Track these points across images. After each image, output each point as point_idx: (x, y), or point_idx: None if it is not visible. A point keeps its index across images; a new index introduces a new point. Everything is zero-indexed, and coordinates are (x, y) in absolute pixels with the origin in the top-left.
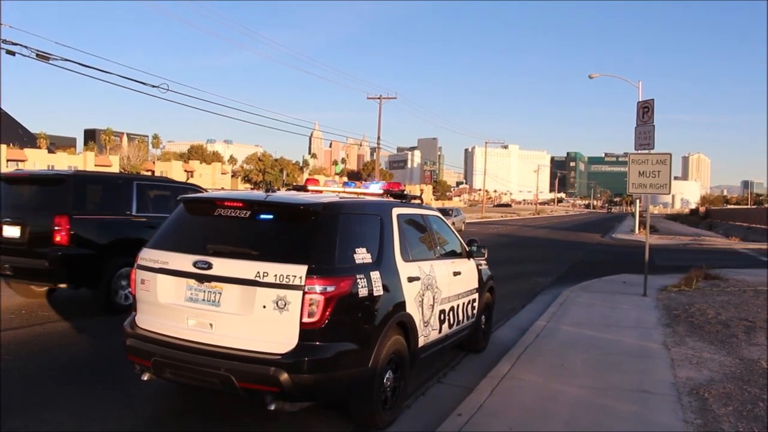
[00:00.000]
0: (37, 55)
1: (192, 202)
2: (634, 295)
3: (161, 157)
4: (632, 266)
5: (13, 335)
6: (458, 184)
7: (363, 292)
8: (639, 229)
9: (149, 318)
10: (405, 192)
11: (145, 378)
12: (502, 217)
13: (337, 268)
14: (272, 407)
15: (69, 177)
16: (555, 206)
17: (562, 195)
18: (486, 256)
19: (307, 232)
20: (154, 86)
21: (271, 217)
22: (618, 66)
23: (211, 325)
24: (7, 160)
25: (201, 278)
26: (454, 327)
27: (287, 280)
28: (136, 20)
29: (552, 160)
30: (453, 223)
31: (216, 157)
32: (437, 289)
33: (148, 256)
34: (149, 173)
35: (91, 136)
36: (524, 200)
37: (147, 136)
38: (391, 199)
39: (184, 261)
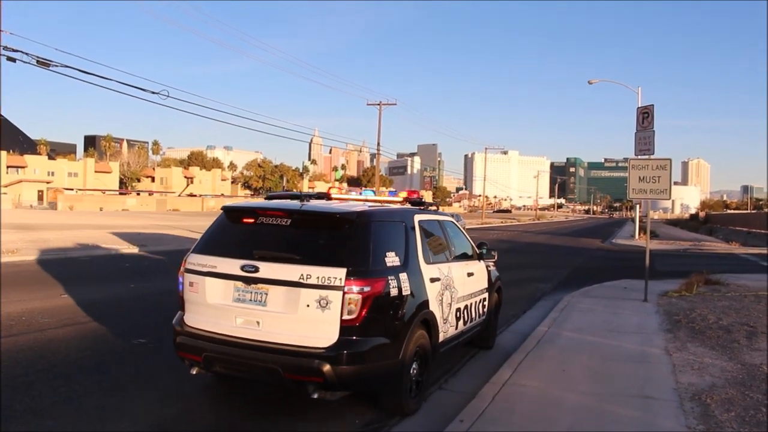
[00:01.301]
0: (37, 61)
1: (234, 211)
2: (635, 300)
3: (161, 164)
4: (633, 271)
5: (13, 342)
6: (458, 189)
7: (394, 292)
8: (639, 234)
9: (198, 317)
10: (423, 200)
11: (194, 372)
12: (502, 222)
13: (371, 270)
14: (315, 396)
15: None
16: (555, 212)
17: (562, 201)
18: (496, 258)
19: (343, 238)
20: (154, 92)
21: (310, 225)
22: (617, 71)
23: (258, 322)
24: (8, 167)
25: (248, 281)
26: (468, 324)
27: (328, 281)
28: (137, 27)
29: (552, 165)
30: None
31: (216, 164)
32: (454, 289)
33: (195, 260)
34: (149, 179)
35: (91, 142)
36: (524, 206)
37: (147, 143)
38: (411, 206)
39: (231, 265)
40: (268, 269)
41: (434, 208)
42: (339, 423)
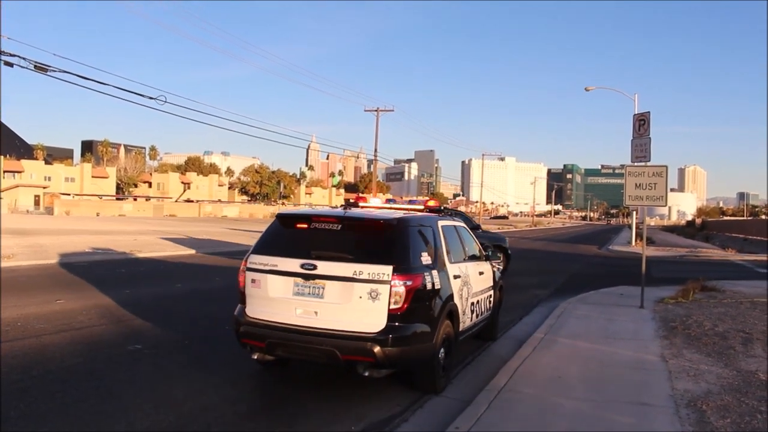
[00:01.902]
0: (35, 66)
1: (288, 218)
2: (631, 307)
3: (158, 169)
4: (629, 278)
5: (8, 348)
6: (455, 196)
7: (429, 286)
8: (636, 240)
9: (260, 309)
10: (441, 207)
11: (255, 357)
12: (499, 229)
13: (412, 267)
14: (366, 374)
15: None
16: (552, 218)
17: (559, 207)
18: (501, 259)
19: (388, 240)
20: (151, 98)
21: (357, 229)
22: (614, 78)
23: (316, 312)
24: (4, 172)
25: (307, 277)
26: (479, 317)
27: (377, 276)
28: (135, 32)
29: (549, 172)
30: None
31: (213, 169)
32: (470, 285)
33: (256, 260)
34: (146, 185)
35: (88, 147)
36: (521, 212)
37: (144, 148)
38: (431, 213)
39: (291, 264)
40: (324, 267)
41: (449, 214)
42: (340, 424)
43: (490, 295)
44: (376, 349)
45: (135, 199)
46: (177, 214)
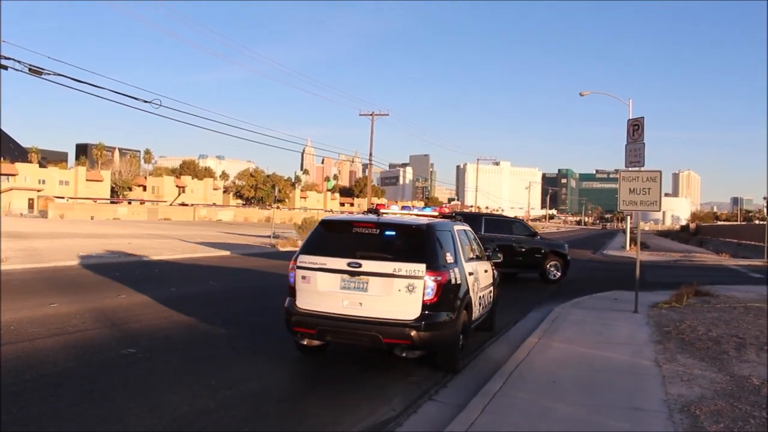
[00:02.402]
0: (29, 69)
1: (331, 223)
2: (625, 311)
3: (153, 173)
4: (623, 283)
5: (2, 351)
6: (450, 200)
7: (453, 281)
8: (630, 245)
9: (309, 301)
10: (452, 213)
11: (304, 342)
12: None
13: (440, 265)
14: (403, 355)
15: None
16: (546, 223)
17: (554, 212)
18: (501, 259)
19: (420, 242)
20: (146, 101)
21: (393, 233)
22: (609, 84)
23: (360, 303)
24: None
25: (353, 273)
26: (484, 310)
27: (413, 273)
28: (130, 35)
29: (543, 176)
30: None
31: (208, 173)
32: (479, 281)
33: (305, 260)
34: (140, 188)
35: (83, 150)
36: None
37: (139, 151)
38: (445, 219)
39: (339, 262)
40: (368, 265)
41: (460, 219)
42: (335, 429)
43: (491, 291)
44: (413, 333)
45: (130, 203)
46: (172, 218)
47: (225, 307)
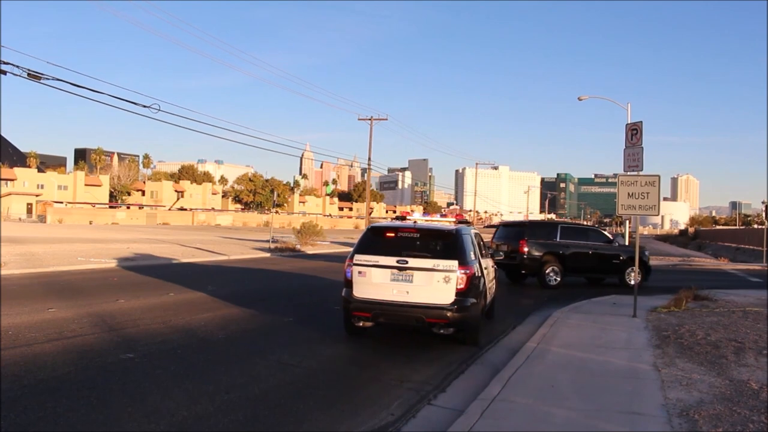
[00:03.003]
0: (28, 74)
1: (378, 229)
2: (623, 316)
3: (152, 177)
4: (622, 287)
5: None
6: (449, 204)
7: (477, 273)
8: None
9: (365, 290)
10: (467, 219)
11: (360, 324)
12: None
13: (468, 261)
14: (441, 331)
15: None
16: None
17: (553, 216)
18: (503, 257)
19: (451, 243)
20: (145, 106)
21: (430, 236)
22: (607, 88)
23: (407, 292)
24: None
25: (401, 269)
26: (490, 299)
27: (448, 267)
28: (129, 40)
29: (542, 181)
30: None
31: (207, 178)
32: (488, 274)
33: (360, 258)
34: (139, 193)
35: (81, 155)
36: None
37: (138, 156)
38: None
39: (389, 260)
40: (413, 261)
41: (474, 224)
42: (339, 429)
43: (494, 284)
44: (449, 314)
45: (128, 208)
46: (170, 223)
47: (221, 311)
